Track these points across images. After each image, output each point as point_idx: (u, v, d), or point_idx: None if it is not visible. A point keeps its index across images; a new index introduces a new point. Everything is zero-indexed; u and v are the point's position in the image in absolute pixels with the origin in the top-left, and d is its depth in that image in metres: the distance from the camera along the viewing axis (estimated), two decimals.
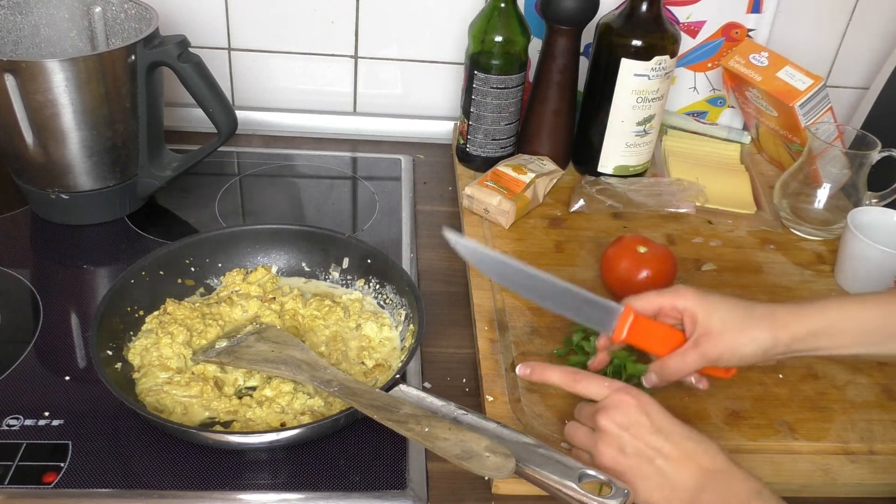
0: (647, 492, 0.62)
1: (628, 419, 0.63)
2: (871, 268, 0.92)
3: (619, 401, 0.64)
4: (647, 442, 0.62)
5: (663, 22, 1.03)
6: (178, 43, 0.92)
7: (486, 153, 1.12)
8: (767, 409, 0.78)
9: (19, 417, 0.72)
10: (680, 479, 0.61)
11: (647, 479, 0.62)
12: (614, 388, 0.65)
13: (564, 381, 0.68)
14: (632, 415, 0.63)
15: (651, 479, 0.61)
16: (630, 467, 0.62)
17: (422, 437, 0.64)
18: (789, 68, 1.10)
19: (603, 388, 0.66)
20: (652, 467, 0.61)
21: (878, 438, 0.76)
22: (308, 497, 0.68)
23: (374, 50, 1.21)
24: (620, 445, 0.63)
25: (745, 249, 1.02)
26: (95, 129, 0.91)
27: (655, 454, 0.62)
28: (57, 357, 0.80)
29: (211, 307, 0.84)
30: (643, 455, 0.62)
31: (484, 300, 0.89)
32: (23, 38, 1.00)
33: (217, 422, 0.73)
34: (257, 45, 1.20)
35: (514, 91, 1.07)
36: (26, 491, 0.66)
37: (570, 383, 0.68)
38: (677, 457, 0.61)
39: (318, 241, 0.90)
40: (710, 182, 1.11)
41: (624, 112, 1.06)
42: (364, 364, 0.80)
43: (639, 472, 0.62)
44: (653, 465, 0.61)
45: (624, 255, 0.89)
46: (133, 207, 1.01)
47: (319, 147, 1.20)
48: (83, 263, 0.94)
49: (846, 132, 1.04)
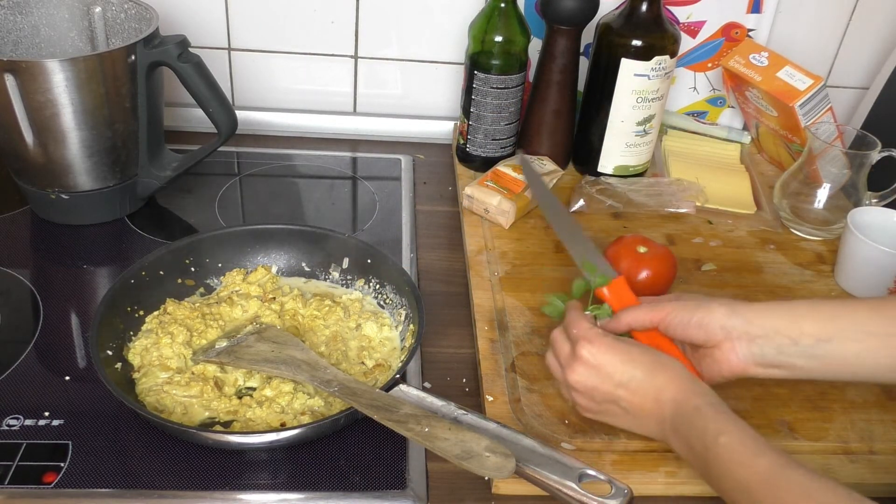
0: (628, 426, 0.70)
1: (590, 378, 0.69)
2: (871, 268, 0.92)
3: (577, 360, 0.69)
4: (611, 393, 0.68)
5: (663, 22, 1.03)
6: (178, 43, 0.92)
7: (486, 153, 1.12)
8: (767, 409, 0.78)
9: (19, 417, 0.72)
10: (646, 419, 0.68)
11: (621, 418, 0.70)
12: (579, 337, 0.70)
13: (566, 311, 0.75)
14: (592, 374, 0.69)
15: (624, 418, 0.70)
16: (604, 412, 0.70)
17: (422, 437, 0.64)
18: (789, 68, 1.10)
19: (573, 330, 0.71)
20: (622, 410, 0.69)
21: (878, 438, 0.76)
22: (308, 497, 0.68)
23: (374, 50, 1.21)
24: (591, 396, 0.70)
25: (745, 249, 1.02)
26: (95, 129, 0.91)
27: (620, 400, 0.68)
28: (57, 357, 0.80)
29: (211, 307, 0.84)
30: (612, 401, 0.69)
31: (484, 300, 0.89)
32: (23, 38, 1.00)
33: (217, 422, 0.73)
34: (257, 45, 1.20)
35: (514, 91, 1.07)
36: (26, 491, 0.66)
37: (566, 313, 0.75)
38: (638, 401, 0.67)
39: (318, 241, 0.90)
40: (710, 182, 1.11)
41: (624, 112, 1.06)
42: (364, 364, 0.80)
43: (613, 413, 0.70)
44: (621, 408, 0.69)
45: (624, 255, 0.89)
46: (133, 207, 1.01)
47: (319, 147, 1.20)
48: (83, 263, 0.94)
49: (846, 132, 1.04)
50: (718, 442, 0.60)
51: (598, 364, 0.68)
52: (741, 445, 0.59)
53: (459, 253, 1.00)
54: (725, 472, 0.59)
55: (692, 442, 0.62)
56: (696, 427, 0.62)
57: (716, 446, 0.60)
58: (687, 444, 0.63)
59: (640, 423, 0.69)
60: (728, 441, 0.60)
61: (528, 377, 0.79)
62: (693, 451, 0.62)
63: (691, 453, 0.63)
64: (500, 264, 0.95)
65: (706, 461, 0.61)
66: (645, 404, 0.67)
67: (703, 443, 0.61)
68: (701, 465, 0.62)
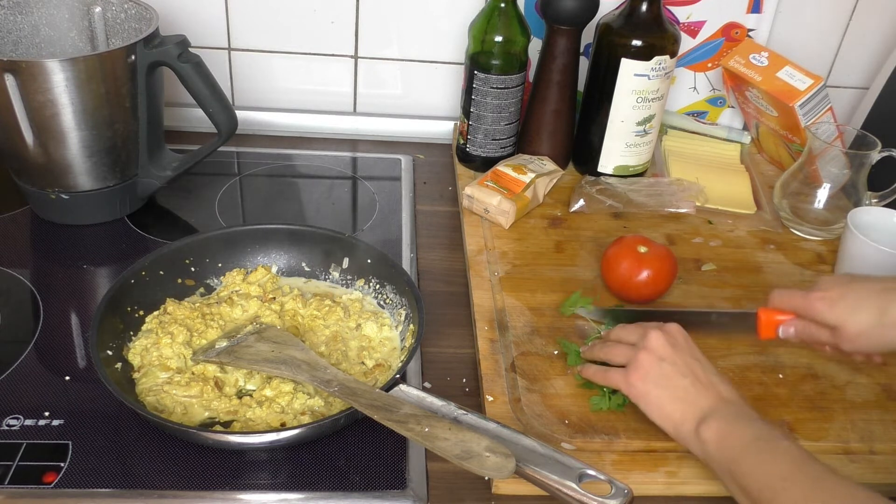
0: (668, 400, 0.69)
1: (674, 340, 0.71)
2: (871, 268, 0.92)
3: (671, 327, 0.73)
4: (684, 360, 0.70)
5: (663, 22, 1.03)
6: (178, 43, 0.92)
7: (486, 153, 1.12)
8: (767, 409, 0.78)
9: (19, 417, 0.72)
10: (700, 399, 0.68)
11: (672, 390, 0.69)
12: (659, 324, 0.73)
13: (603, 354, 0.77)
14: (678, 338, 0.71)
15: (676, 390, 0.69)
16: (662, 376, 0.70)
17: (422, 437, 0.64)
18: (789, 68, 1.10)
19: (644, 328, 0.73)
20: (681, 382, 0.69)
21: (878, 438, 0.76)
22: (308, 497, 0.68)
23: (374, 50, 1.21)
24: (661, 356, 0.70)
25: (745, 249, 1.02)
26: (95, 129, 0.91)
27: (688, 372, 0.69)
28: (57, 357, 0.80)
29: (211, 307, 0.84)
30: (678, 368, 0.69)
31: (484, 300, 0.89)
32: (23, 38, 1.00)
33: (217, 422, 0.73)
34: (257, 45, 1.20)
35: (514, 91, 1.07)
36: (26, 491, 0.66)
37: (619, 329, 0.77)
38: (704, 383, 0.69)
39: (318, 241, 0.90)
40: (710, 182, 1.11)
41: (624, 112, 1.06)
42: (364, 364, 0.80)
43: (668, 382, 0.69)
44: (683, 381, 0.69)
45: (624, 255, 0.89)
46: (133, 207, 1.01)
47: (319, 147, 1.20)
48: (83, 263, 0.94)
49: (846, 132, 1.04)
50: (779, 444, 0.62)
51: (685, 335, 0.72)
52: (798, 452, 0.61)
53: (459, 253, 1.00)
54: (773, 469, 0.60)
55: (743, 433, 0.64)
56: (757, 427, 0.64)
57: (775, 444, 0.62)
58: (732, 433, 0.64)
59: (683, 405, 0.68)
60: (789, 446, 0.61)
61: (528, 377, 0.79)
62: (736, 440, 0.63)
63: (731, 441, 0.64)
64: (500, 264, 0.95)
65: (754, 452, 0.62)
66: (707, 391, 0.68)
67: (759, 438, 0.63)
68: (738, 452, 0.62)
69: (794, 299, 0.75)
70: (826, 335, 0.73)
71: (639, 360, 0.71)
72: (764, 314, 0.77)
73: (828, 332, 0.73)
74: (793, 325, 0.76)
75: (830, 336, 0.73)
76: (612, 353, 0.75)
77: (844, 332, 0.71)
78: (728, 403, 0.67)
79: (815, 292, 0.73)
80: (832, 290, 0.73)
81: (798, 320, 0.75)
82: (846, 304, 0.71)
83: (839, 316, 0.71)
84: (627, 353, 0.73)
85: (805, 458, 0.60)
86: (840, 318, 0.71)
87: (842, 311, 0.71)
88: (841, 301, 0.72)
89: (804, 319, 0.75)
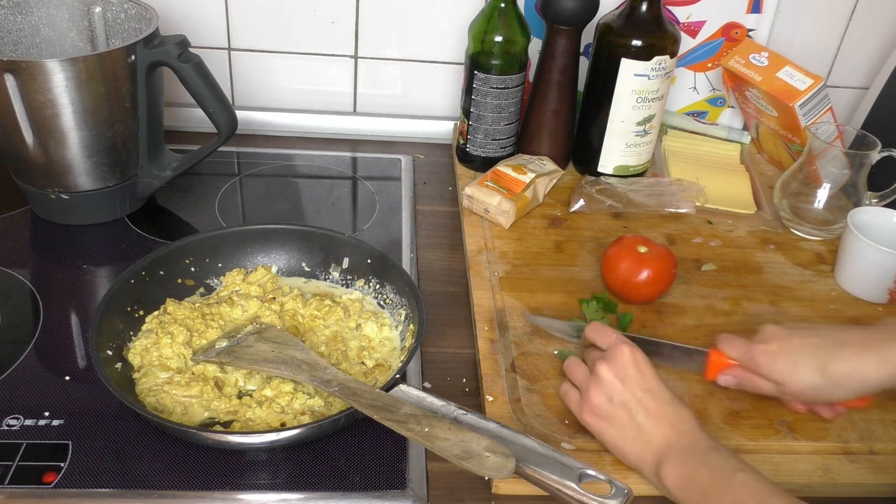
0: (622, 441, 0.67)
1: (624, 372, 0.68)
2: (871, 268, 0.92)
3: (619, 353, 0.69)
4: (634, 395, 0.67)
5: (663, 22, 1.03)
6: (178, 43, 0.92)
7: (486, 153, 1.12)
8: (767, 409, 0.78)
9: (19, 417, 0.72)
10: (654, 436, 0.66)
11: (625, 430, 0.67)
12: (621, 339, 0.71)
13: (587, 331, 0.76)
14: (628, 369, 0.68)
15: (629, 430, 0.67)
16: (612, 416, 0.68)
17: (422, 437, 0.64)
18: (789, 68, 1.10)
19: (610, 338, 0.72)
20: (632, 420, 0.67)
21: (878, 438, 0.76)
22: (308, 497, 0.68)
23: (374, 50, 1.21)
24: (610, 394, 0.68)
25: (745, 249, 1.02)
26: (95, 129, 0.91)
27: (639, 408, 0.67)
28: (57, 357, 0.80)
29: (211, 307, 0.84)
30: (628, 407, 0.67)
31: (484, 300, 0.89)
32: (23, 38, 1.00)
33: (217, 422, 0.73)
34: (257, 45, 1.20)
35: (514, 91, 1.07)
36: (26, 491, 0.65)
37: (588, 332, 0.75)
38: (657, 416, 0.66)
39: (318, 241, 0.90)
40: (710, 182, 1.11)
41: (624, 112, 1.06)
42: (364, 364, 0.80)
43: (620, 422, 0.67)
44: (634, 418, 0.67)
45: (624, 255, 0.89)
46: (133, 207, 1.01)
47: (319, 147, 1.20)
48: (83, 263, 0.94)
49: (846, 132, 1.04)
50: (736, 478, 0.61)
51: (638, 364, 0.68)
52: (757, 483, 0.60)
53: (459, 253, 1.00)
54: None
55: (700, 474, 0.62)
56: (711, 462, 0.63)
57: (732, 481, 0.61)
58: (690, 477, 0.63)
59: (641, 443, 0.66)
60: (745, 478, 0.61)
61: (528, 377, 0.79)
62: (695, 484, 0.62)
63: (691, 485, 0.62)
64: (500, 264, 0.95)
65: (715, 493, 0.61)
66: (661, 425, 0.66)
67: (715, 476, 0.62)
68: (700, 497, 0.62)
69: (737, 348, 0.75)
70: (768, 387, 0.74)
71: (590, 395, 0.69)
72: (715, 356, 0.76)
73: (770, 385, 0.73)
74: (732, 373, 0.75)
75: (773, 388, 0.73)
76: (571, 373, 0.74)
77: (787, 387, 0.72)
78: (681, 435, 0.65)
79: (757, 345, 0.73)
80: (772, 343, 0.72)
81: (740, 369, 0.75)
82: (786, 360, 0.72)
83: (780, 372, 0.72)
84: (582, 379, 0.72)
85: (765, 489, 0.60)
86: (781, 374, 0.72)
87: (783, 366, 0.72)
88: (781, 357, 0.72)
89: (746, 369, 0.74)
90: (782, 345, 0.72)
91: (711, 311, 0.91)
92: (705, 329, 0.88)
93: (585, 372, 0.72)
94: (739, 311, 0.91)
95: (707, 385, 0.79)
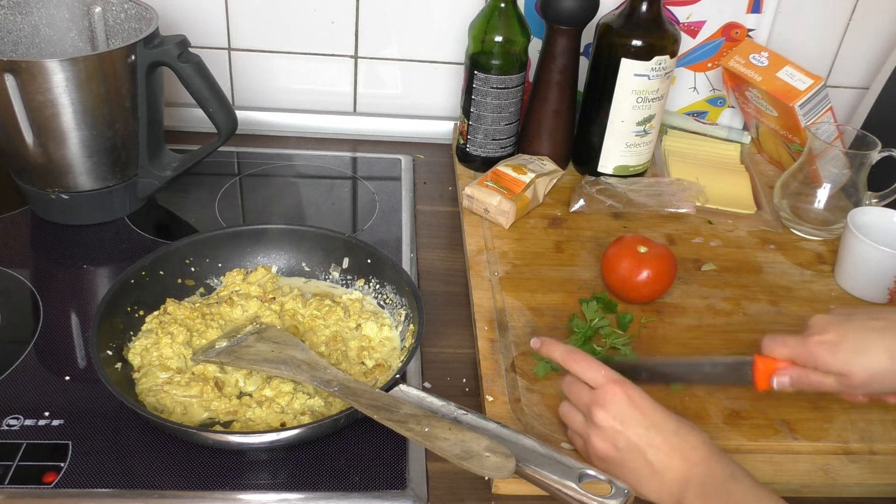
0: (637, 482, 0.64)
1: (622, 414, 0.65)
2: (871, 268, 0.92)
3: (612, 394, 0.65)
4: (639, 437, 0.64)
5: (663, 22, 1.03)
6: (178, 43, 0.92)
7: (486, 153, 1.12)
8: (767, 409, 0.78)
9: (19, 417, 0.72)
10: (668, 472, 0.63)
11: (638, 472, 0.64)
12: (609, 377, 0.66)
13: (564, 359, 0.70)
14: (626, 410, 0.65)
15: (642, 471, 0.64)
16: (622, 460, 0.65)
17: (422, 437, 0.64)
18: (789, 68, 1.10)
19: (598, 376, 0.67)
20: (643, 460, 0.64)
21: (878, 438, 0.76)
22: (308, 497, 0.68)
23: (374, 50, 1.21)
24: (614, 441, 0.65)
25: (745, 249, 1.02)
26: (95, 129, 0.91)
27: (647, 447, 0.64)
28: (57, 357, 0.80)
29: (211, 307, 0.84)
30: (636, 449, 0.64)
31: (484, 300, 0.89)
32: (23, 38, 1.00)
33: (217, 422, 0.73)
34: (257, 45, 1.20)
35: (514, 91, 1.07)
36: (26, 491, 0.66)
37: (569, 362, 0.69)
38: (666, 451, 0.63)
39: (318, 241, 0.90)
40: (710, 182, 1.11)
41: (624, 112, 1.06)
42: (364, 364, 0.80)
43: (631, 465, 0.64)
44: (644, 457, 0.64)
45: (624, 255, 0.89)
46: (133, 207, 1.01)
47: (319, 147, 1.20)
48: (83, 263, 0.94)
49: (846, 132, 1.04)
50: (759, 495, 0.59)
51: (633, 400, 0.64)
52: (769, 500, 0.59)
53: (459, 253, 1.00)
54: None
55: None
56: (731, 493, 0.60)
57: None
58: None
59: (657, 482, 0.63)
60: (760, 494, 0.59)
61: (528, 377, 0.79)
62: None
63: None
64: (500, 264, 0.95)
65: None
66: (672, 460, 0.63)
67: None
68: None
69: (789, 346, 0.69)
70: (829, 382, 0.69)
71: (594, 444, 0.66)
72: (762, 362, 0.71)
73: (831, 379, 0.68)
74: (787, 374, 0.70)
75: (834, 383, 0.68)
76: (568, 420, 0.70)
77: (853, 378, 0.67)
78: (695, 465, 0.62)
79: (812, 337, 0.68)
80: (828, 332, 0.68)
81: (794, 368, 0.69)
82: (848, 347, 0.67)
83: (844, 362, 0.67)
84: (581, 427, 0.68)
85: None
86: (846, 364, 0.67)
87: (846, 356, 0.67)
88: (843, 344, 0.67)
89: (801, 367, 0.69)
90: (840, 333, 0.67)
91: (711, 311, 0.91)
92: (705, 329, 0.88)
93: (582, 418, 0.68)
94: (739, 311, 0.91)
95: (705, 385, 0.79)
